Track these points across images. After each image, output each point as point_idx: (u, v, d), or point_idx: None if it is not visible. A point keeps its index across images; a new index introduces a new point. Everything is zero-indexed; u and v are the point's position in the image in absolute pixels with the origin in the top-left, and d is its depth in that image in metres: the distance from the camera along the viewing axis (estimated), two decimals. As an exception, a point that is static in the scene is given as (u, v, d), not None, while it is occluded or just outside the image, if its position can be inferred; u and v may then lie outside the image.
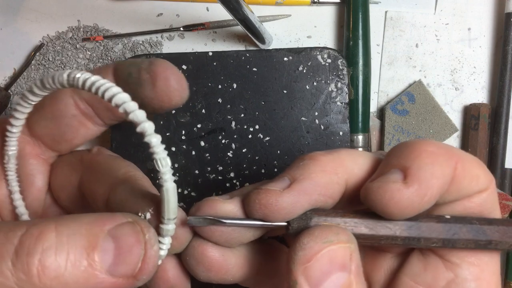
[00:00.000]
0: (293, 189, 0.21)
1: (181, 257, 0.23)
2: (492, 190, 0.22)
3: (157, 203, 0.21)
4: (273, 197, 0.20)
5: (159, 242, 0.20)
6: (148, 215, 0.21)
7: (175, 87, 0.23)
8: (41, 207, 0.27)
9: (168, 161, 0.19)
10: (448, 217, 0.22)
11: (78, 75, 0.19)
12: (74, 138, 0.26)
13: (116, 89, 0.19)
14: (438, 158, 0.20)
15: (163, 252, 0.21)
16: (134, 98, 0.20)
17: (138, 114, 0.19)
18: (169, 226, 0.20)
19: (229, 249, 0.23)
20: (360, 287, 0.19)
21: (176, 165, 0.42)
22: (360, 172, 0.22)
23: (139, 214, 0.21)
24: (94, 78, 0.19)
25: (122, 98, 0.19)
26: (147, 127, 0.19)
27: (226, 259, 0.22)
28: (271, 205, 0.20)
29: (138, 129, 0.19)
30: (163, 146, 0.19)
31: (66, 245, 0.18)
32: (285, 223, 0.21)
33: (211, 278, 0.23)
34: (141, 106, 0.20)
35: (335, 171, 0.21)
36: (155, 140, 0.19)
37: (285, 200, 0.20)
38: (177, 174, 0.42)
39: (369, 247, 0.25)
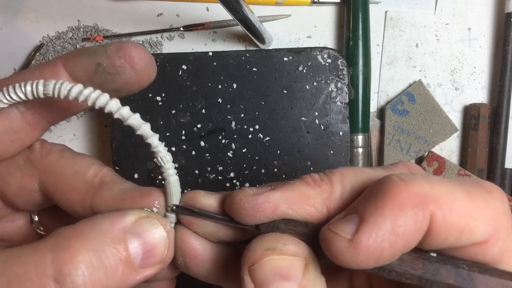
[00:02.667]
0: (262, 194, 0.21)
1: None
2: (497, 241, 0.19)
3: (156, 196, 0.23)
4: (241, 197, 0.21)
5: None
6: (155, 209, 0.22)
7: (151, 64, 0.24)
8: None
9: (169, 157, 0.22)
10: (434, 255, 0.20)
11: (59, 85, 0.20)
12: (18, 150, 0.25)
13: (105, 97, 0.21)
14: (405, 210, 0.18)
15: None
16: (109, 87, 0.21)
17: (135, 119, 0.21)
18: (174, 215, 0.23)
19: (208, 243, 0.23)
20: None
21: (176, 165, 0.42)
22: (348, 193, 0.21)
23: (145, 209, 0.22)
24: (78, 87, 0.20)
25: (116, 105, 0.21)
26: (147, 130, 0.21)
27: (203, 248, 0.23)
28: (237, 203, 0.21)
29: (138, 132, 0.21)
30: (163, 144, 0.21)
31: (100, 259, 0.18)
32: (253, 226, 0.21)
33: (187, 265, 0.23)
34: (116, 92, 0.21)
35: (314, 195, 0.21)
36: (155, 141, 0.21)
37: (250, 202, 0.21)
38: (177, 174, 0.42)
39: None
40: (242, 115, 0.43)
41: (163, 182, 0.22)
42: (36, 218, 0.28)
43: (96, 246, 0.19)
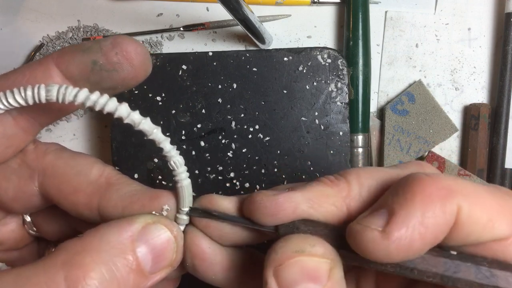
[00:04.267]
0: (282, 194, 0.21)
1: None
2: None
3: (166, 199, 0.22)
4: (262, 197, 0.21)
5: None
6: (165, 213, 0.22)
7: (148, 58, 0.23)
8: None
9: (182, 161, 0.22)
10: (454, 253, 0.20)
11: (63, 90, 0.19)
12: (11, 155, 0.24)
13: (114, 102, 0.20)
14: (433, 202, 0.18)
15: None
16: (106, 84, 0.21)
17: (147, 124, 0.20)
18: (186, 216, 0.23)
19: (218, 246, 0.23)
20: None
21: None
22: (367, 193, 0.21)
23: (154, 213, 0.22)
24: (84, 92, 0.20)
25: (126, 110, 0.20)
26: (159, 135, 0.21)
27: (213, 252, 0.23)
28: (258, 203, 0.21)
29: (150, 137, 0.21)
30: (175, 147, 0.21)
31: (112, 271, 0.19)
32: (272, 227, 0.21)
33: (196, 267, 0.23)
34: (113, 90, 0.21)
35: (334, 194, 0.21)
36: (168, 145, 0.21)
37: (271, 202, 0.21)
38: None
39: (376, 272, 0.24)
40: (242, 115, 0.43)
41: (177, 185, 0.22)
42: (29, 219, 0.27)
43: (106, 259, 0.19)
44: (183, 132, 0.43)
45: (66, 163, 0.24)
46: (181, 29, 0.48)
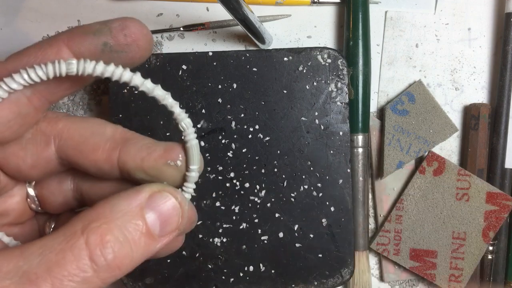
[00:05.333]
0: None
1: None
2: None
3: (179, 150, 0.25)
4: None
5: (186, 187, 0.25)
6: (179, 163, 0.24)
7: (151, 38, 0.24)
8: None
9: (191, 123, 0.24)
10: None
11: (82, 63, 0.21)
12: (24, 132, 0.26)
13: (129, 72, 0.22)
14: None
15: (188, 196, 0.25)
16: (115, 64, 0.22)
17: (159, 90, 0.23)
18: (194, 174, 0.25)
19: None
20: None
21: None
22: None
23: (170, 162, 0.24)
24: (102, 64, 0.22)
25: (140, 79, 0.23)
26: (170, 100, 0.23)
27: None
28: None
29: (163, 103, 0.23)
30: (183, 110, 0.24)
31: (125, 235, 0.21)
32: None
33: None
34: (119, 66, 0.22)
35: None
36: (178, 109, 0.24)
37: None
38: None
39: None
40: (242, 115, 0.43)
41: (186, 145, 0.24)
42: (33, 193, 0.28)
43: (119, 224, 0.21)
44: (183, 132, 0.43)
45: (80, 125, 0.26)
46: (181, 29, 0.48)
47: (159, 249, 0.23)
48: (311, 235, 0.42)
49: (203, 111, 0.43)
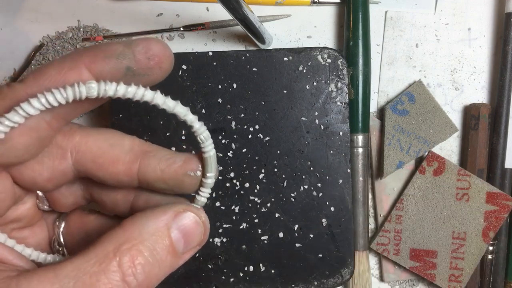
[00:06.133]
0: None
1: None
2: None
3: (198, 161, 0.26)
4: None
5: (202, 192, 0.26)
6: (198, 173, 0.26)
7: (173, 60, 0.24)
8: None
9: (209, 135, 0.25)
10: None
11: (103, 86, 0.21)
12: (40, 151, 0.25)
13: (150, 92, 0.23)
14: None
15: (204, 200, 0.26)
16: (135, 84, 0.22)
17: (180, 107, 0.24)
18: (211, 180, 0.26)
19: None
20: None
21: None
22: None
23: (190, 173, 0.25)
24: (123, 86, 0.22)
25: (161, 97, 0.23)
26: (190, 116, 0.24)
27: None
28: None
29: (183, 118, 0.24)
30: (202, 123, 0.24)
31: (154, 255, 0.22)
32: None
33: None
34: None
35: None
36: (197, 124, 0.24)
37: None
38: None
39: None
40: (242, 115, 0.43)
41: (204, 155, 0.25)
42: (41, 194, 0.28)
43: (149, 246, 0.22)
44: (183, 132, 0.43)
45: (97, 138, 0.26)
46: (181, 29, 0.48)
47: (180, 265, 0.24)
48: (311, 235, 0.42)
49: (203, 111, 0.43)
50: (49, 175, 0.26)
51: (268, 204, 0.42)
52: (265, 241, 0.42)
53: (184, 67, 0.43)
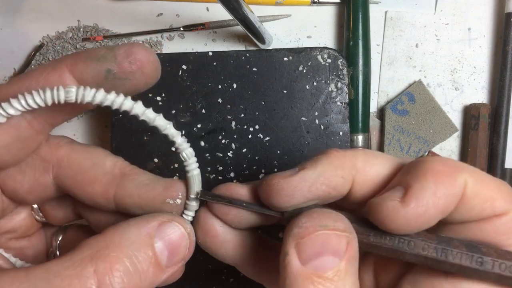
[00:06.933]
0: (297, 174, 0.22)
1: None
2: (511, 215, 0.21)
3: (179, 187, 0.24)
4: (277, 179, 0.22)
5: (186, 215, 0.25)
6: (179, 201, 0.24)
7: (159, 65, 0.24)
8: None
9: (192, 153, 0.23)
10: (449, 236, 0.22)
11: (82, 91, 0.21)
12: (25, 156, 0.25)
13: (130, 101, 0.22)
14: (444, 176, 0.21)
15: (190, 219, 0.25)
16: (118, 91, 0.22)
17: (161, 120, 0.23)
18: (195, 203, 0.25)
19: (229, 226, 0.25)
20: (349, 278, 0.20)
21: (176, 165, 0.42)
22: (374, 173, 0.23)
23: (169, 201, 0.24)
24: (102, 93, 0.21)
25: (141, 108, 0.22)
26: (172, 130, 0.23)
27: (224, 231, 0.25)
28: (274, 185, 0.22)
29: (164, 132, 0.23)
30: (186, 140, 0.23)
31: (134, 264, 0.21)
32: (278, 212, 0.23)
33: (208, 244, 0.25)
34: (124, 94, 0.22)
35: (342, 165, 0.22)
36: (179, 139, 0.23)
37: (287, 183, 0.22)
38: (177, 174, 0.42)
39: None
40: (242, 115, 0.43)
41: (187, 174, 0.24)
42: (36, 206, 0.28)
43: (129, 253, 0.21)
44: (183, 132, 0.43)
45: (80, 155, 0.25)
46: (181, 29, 0.48)
47: (164, 280, 0.22)
48: (311, 235, 0.42)
49: (203, 111, 0.43)
50: (29, 187, 0.25)
51: (268, 204, 0.42)
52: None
53: (184, 67, 0.43)
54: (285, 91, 0.43)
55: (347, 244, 0.20)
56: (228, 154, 0.43)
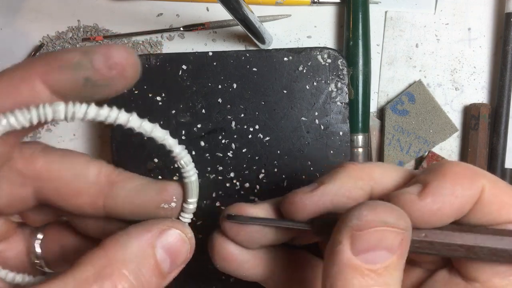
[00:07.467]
0: (318, 189, 0.23)
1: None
2: None
3: (173, 191, 0.24)
4: (299, 196, 0.23)
5: (183, 217, 0.25)
6: (173, 204, 0.24)
7: (139, 67, 0.21)
8: None
9: (190, 160, 0.23)
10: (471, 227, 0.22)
11: (71, 108, 0.19)
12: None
13: (125, 114, 0.21)
14: (462, 178, 0.21)
15: (188, 221, 0.25)
16: (97, 97, 0.21)
17: (157, 131, 0.22)
18: (192, 206, 0.24)
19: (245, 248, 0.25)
20: (396, 273, 0.20)
21: (176, 165, 0.42)
22: (390, 183, 0.24)
23: (163, 205, 0.24)
24: (94, 109, 0.20)
25: (137, 121, 0.22)
26: (170, 141, 0.23)
27: (241, 253, 0.25)
28: (296, 202, 0.23)
29: (161, 142, 0.23)
30: (183, 147, 0.23)
31: (138, 277, 0.20)
32: (306, 225, 0.23)
33: (226, 268, 0.26)
34: (104, 99, 0.21)
35: (361, 177, 0.23)
36: (178, 149, 0.23)
37: (308, 198, 0.23)
38: (177, 174, 0.42)
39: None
40: (242, 115, 0.43)
41: (184, 180, 0.24)
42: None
43: (132, 267, 0.20)
44: (183, 132, 0.43)
45: (60, 166, 0.23)
46: (181, 29, 0.48)
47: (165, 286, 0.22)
48: (311, 235, 0.42)
49: (203, 111, 0.43)
50: (7, 201, 0.23)
51: (268, 204, 0.42)
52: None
53: (184, 67, 0.43)
54: (285, 91, 0.43)
55: (401, 240, 0.20)
56: (228, 154, 0.43)
